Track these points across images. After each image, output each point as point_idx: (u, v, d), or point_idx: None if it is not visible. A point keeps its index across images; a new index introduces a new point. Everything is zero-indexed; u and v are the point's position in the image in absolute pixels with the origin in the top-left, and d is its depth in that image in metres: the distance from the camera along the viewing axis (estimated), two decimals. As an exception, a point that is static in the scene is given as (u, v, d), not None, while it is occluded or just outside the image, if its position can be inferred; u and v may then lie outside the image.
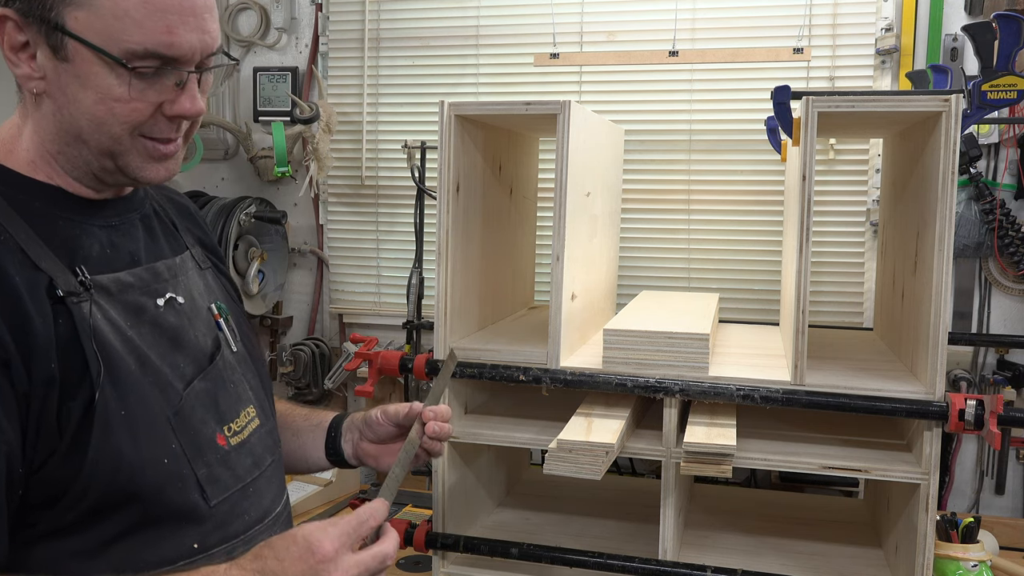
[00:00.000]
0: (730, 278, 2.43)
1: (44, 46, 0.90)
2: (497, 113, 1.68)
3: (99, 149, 0.95)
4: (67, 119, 0.93)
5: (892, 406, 1.48)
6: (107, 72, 0.91)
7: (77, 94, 0.92)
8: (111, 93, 0.92)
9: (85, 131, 0.94)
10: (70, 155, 0.96)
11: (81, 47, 0.89)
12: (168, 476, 0.95)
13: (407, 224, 2.59)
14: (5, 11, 0.89)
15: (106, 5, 0.89)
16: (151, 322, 0.99)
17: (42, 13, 0.89)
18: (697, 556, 1.68)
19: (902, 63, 2.27)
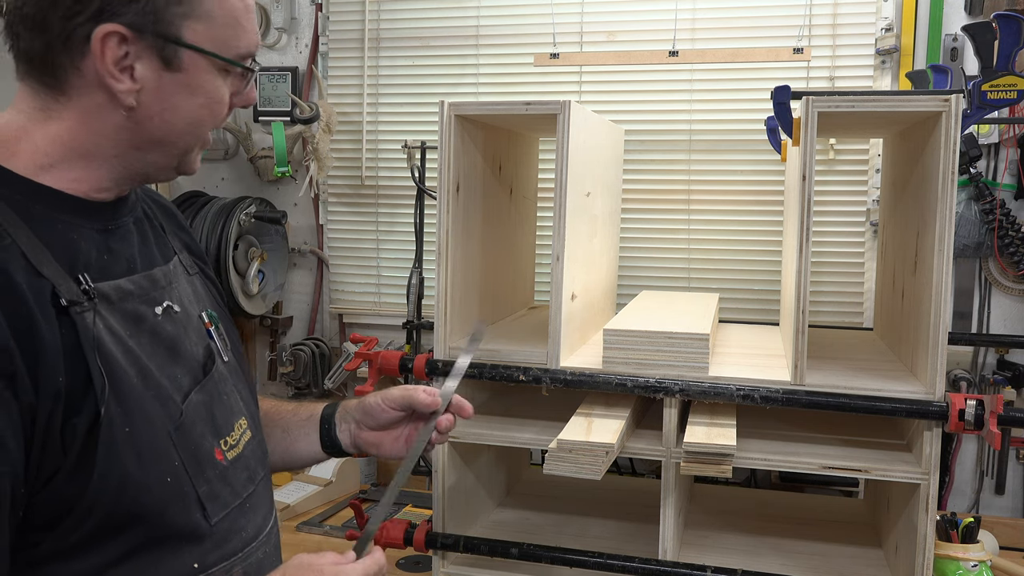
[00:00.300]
0: (730, 278, 2.43)
1: (153, 59, 0.91)
2: (497, 113, 1.68)
3: (181, 149, 0.98)
4: (159, 126, 0.94)
5: (892, 406, 1.48)
6: (215, 77, 0.95)
7: (181, 101, 0.94)
8: (216, 95, 0.96)
9: (176, 135, 0.96)
10: (133, 160, 0.96)
11: (197, 56, 0.93)
12: (172, 495, 0.93)
13: (407, 224, 2.59)
14: (114, 27, 0.88)
15: (218, 15, 0.93)
16: (150, 332, 0.96)
17: (157, 28, 0.90)
18: (697, 556, 1.68)
19: (902, 63, 2.27)
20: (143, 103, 0.92)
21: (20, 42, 0.91)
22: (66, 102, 0.92)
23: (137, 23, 0.89)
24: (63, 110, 0.92)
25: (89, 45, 0.88)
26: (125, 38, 0.89)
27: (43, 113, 0.92)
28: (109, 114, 0.92)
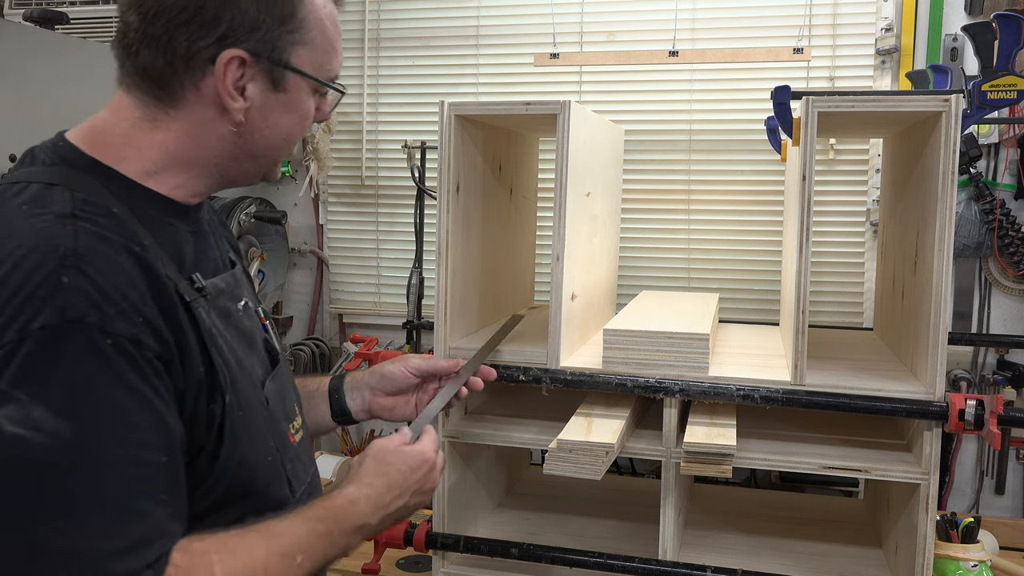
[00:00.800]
0: (730, 278, 2.43)
1: (264, 80, 0.99)
2: (497, 113, 1.68)
3: (273, 161, 1.07)
4: (258, 140, 1.02)
5: (892, 406, 1.48)
6: (309, 96, 1.04)
7: (280, 118, 1.02)
8: (307, 113, 1.05)
9: (272, 148, 1.04)
10: (229, 169, 1.04)
11: (300, 78, 1.01)
12: (272, 472, 1.03)
13: (407, 224, 2.59)
14: (237, 52, 0.95)
15: (319, 41, 1.02)
16: (235, 326, 1.03)
17: (271, 53, 0.98)
18: (697, 556, 1.68)
19: (902, 63, 2.27)
20: (249, 119, 1.00)
21: (138, 57, 0.96)
22: (175, 114, 0.98)
23: (256, 49, 0.97)
24: (171, 121, 0.98)
25: (212, 66, 0.96)
26: (244, 61, 0.97)
27: (150, 123, 0.98)
28: (216, 127, 0.99)
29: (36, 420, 0.78)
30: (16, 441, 0.77)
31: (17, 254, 0.84)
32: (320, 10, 1.02)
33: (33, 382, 0.79)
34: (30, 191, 0.91)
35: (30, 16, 2.39)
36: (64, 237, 0.85)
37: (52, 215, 0.87)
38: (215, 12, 0.94)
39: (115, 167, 0.96)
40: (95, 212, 0.89)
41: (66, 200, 0.89)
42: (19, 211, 0.88)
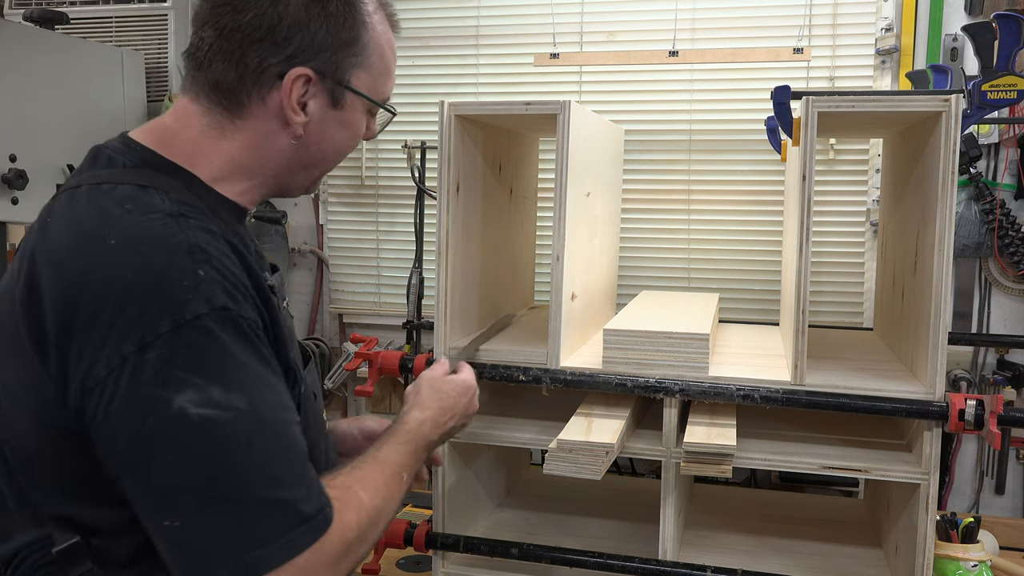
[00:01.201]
0: (730, 278, 2.43)
1: (324, 97, 1.07)
2: (497, 113, 1.68)
3: (322, 172, 1.16)
4: (313, 153, 1.10)
5: (892, 406, 1.48)
6: (362, 115, 1.13)
7: (335, 134, 1.11)
8: (358, 131, 1.14)
9: (324, 161, 1.13)
10: (284, 179, 1.12)
11: (356, 98, 1.10)
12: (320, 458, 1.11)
13: (407, 224, 2.59)
14: (304, 70, 1.04)
15: (377, 65, 1.11)
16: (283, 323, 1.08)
17: (334, 73, 1.06)
18: (697, 556, 1.68)
19: (902, 63, 2.27)
20: (307, 133, 1.08)
21: (210, 69, 1.04)
22: (241, 124, 1.06)
23: (321, 68, 1.05)
24: (236, 131, 1.06)
25: (279, 81, 1.03)
26: (309, 79, 1.05)
27: (217, 131, 1.05)
28: (277, 139, 1.07)
29: (216, 399, 0.87)
30: (203, 421, 0.86)
31: (144, 251, 0.90)
32: (380, 37, 1.10)
33: (203, 366, 0.88)
34: (122, 192, 0.96)
35: (30, 16, 2.39)
36: (183, 234, 0.92)
37: (161, 214, 0.94)
38: (287, 33, 1.02)
39: (191, 171, 1.04)
40: (195, 211, 0.97)
41: (165, 201, 0.96)
42: (124, 210, 0.93)
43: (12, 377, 0.93)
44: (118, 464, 0.89)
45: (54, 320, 0.89)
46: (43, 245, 0.95)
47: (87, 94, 2.43)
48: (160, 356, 0.86)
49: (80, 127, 2.39)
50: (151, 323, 0.87)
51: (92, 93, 2.45)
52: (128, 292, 0.88)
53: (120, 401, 0.87)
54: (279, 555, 0.87)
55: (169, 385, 0.86)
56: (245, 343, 0.92)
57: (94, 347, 0.87)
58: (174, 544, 0.87)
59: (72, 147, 2.36)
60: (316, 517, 0.91)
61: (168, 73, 2.64)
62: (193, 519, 0.86)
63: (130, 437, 0.87)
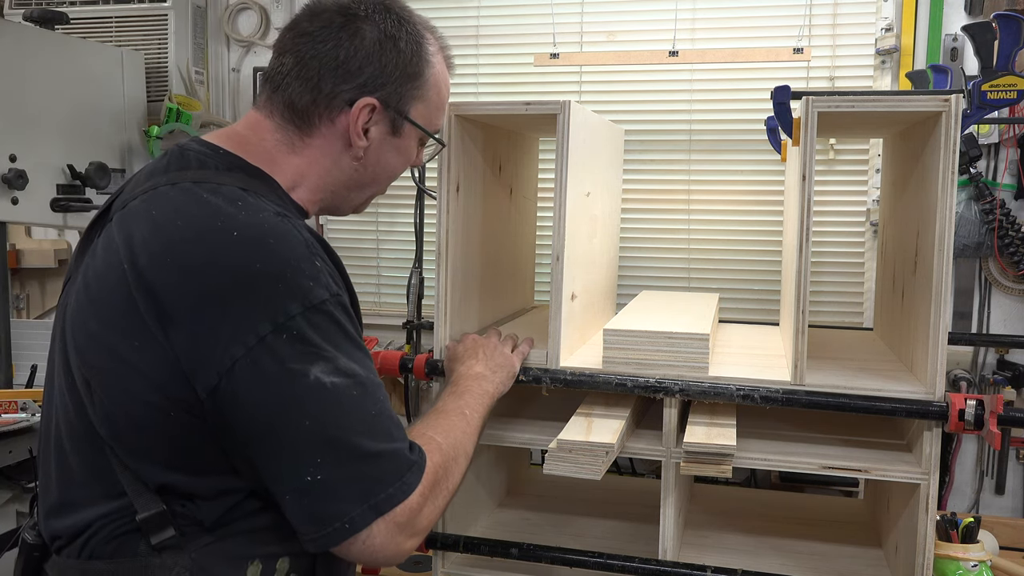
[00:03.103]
0: (730, 278, 2.43)
1: (386, 124, 1.19)
2: (497, 113, 1.68)
3: (373, 193, 1.28)
4: (369, 174, 1.23)
5: (892, 406, 1.48)
6: (415, 143, 1.25)
7: (390, 159, 1.23)
8: (409, 157, 1.26)
9: (377, 182, 1.26)
10: (341, 196, 1.25)
11: (412, 128, 1.22)
12: None
13: (407, 224, 2.59)
14: (372, 100, 1.16)
15: (434, 100, 1.24)
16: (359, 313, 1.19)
17: (397, 104, 1.19)
18: (697, 556, 1.68)
19: (902, 63, 2.27)
20: (367, 156, 1.20)
21: (288, 91, 1.16)
22: (309, 142, 1.18)
23: (385, 99, 1.17)
24: (304, 148, 1.18)
25: (348, 108, 1.16)
26: (375, 108, 1.17)
27: (288, 147, 1.17)
28: (340, 159, 1.20)
29: (343, 368, 1.02)
30: (335, 388, 1.01)
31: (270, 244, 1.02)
32: (439, 75, 1.24)
33: (329, 342, 1.02)
34: (230, 192, 1.06)
35: (30, 16, 2.39)
36: (296, 231, 1.05)
37: (270, 213, 1.05)
38: (360, 64, 1.15)
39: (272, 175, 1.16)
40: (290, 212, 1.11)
41: (265, 203, 1.07)
42: (238, 207, 1.04)
43: (126, 352, 1.01)
44: (259, 432, 1.00)
45: (182, 303, 0.99)
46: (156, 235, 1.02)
47: (87, 94, 2.43)
48: (294, 335, 0.99)
49: (80, 127, 2.39)
50: (283, 307, 0.99)
51: (92, 93, 2.45)
52: (259, 279, 0.99)
53: (261, 376, 0.98)
54: (399, 494, 1.03)
55: (305, 359, 1.00)
56: (350, 321, 1.07)
57: (229, 330, 0.98)
58: (312, 497, 1.00)
59: (72, 147, 2.36)
60: (419, 461, 1.07)
61: (168, 73, 2.64)
62: (331, 472, 1.00)
63: (273, 407, 0.99)
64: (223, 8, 2.74)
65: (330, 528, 1.01)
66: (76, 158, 2.34)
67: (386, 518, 1.02)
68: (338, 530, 1.01)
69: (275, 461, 1.01)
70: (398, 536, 1.04)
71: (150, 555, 1.03)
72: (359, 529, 1.01)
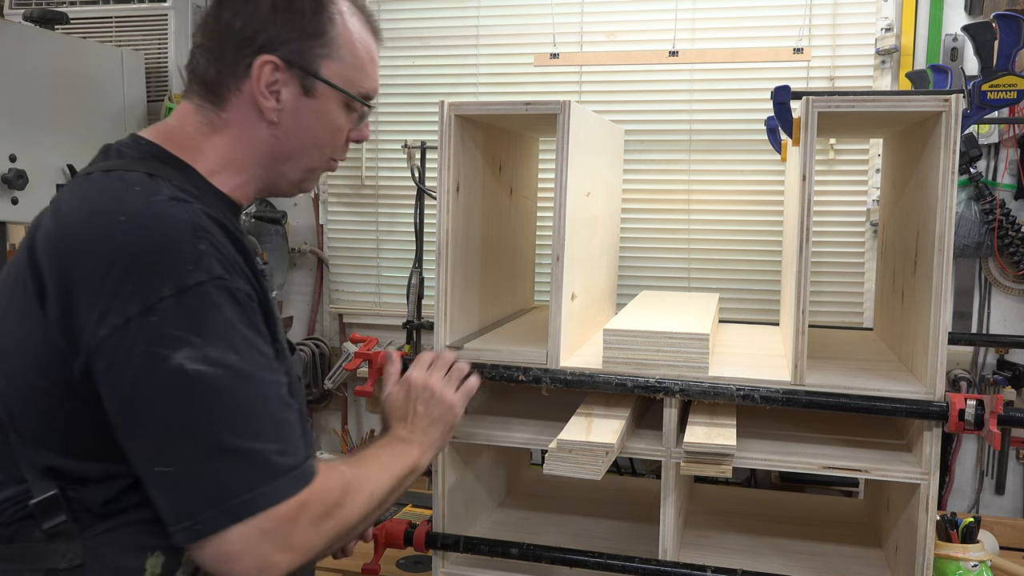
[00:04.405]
0: (730, 278, 2.43)
1: (295, 86, 1.16)
2: (497, 113, 1.68)
3: (305, 166, 1.22)
4: (292, 143, 1.18)
5: (892, 406, 1.48)
6: (338, 108, 1.20)
7: (311, 124, 1.18)
8: (336, 123, 1.20)
9: (304, 150, 1.20)
10: (271, 171, 1.20)
11: (327, 88, 1.17)
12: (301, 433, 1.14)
13: (407, 224, 2.59)
14: (270, 57, 1.13)
15: (349, 59, 1.19)
16: (272, 303, 1.16)
17: (303, 62, 1.15)
18: (697, 556, 1.68)
19: (902, 63, 2.27)
20: (282, 122, 1.17)
21: (200, 69, 1.16)
22: (226, 118, 1.16)
23: (287, 57, 1.14)
24: (224, 126, 1.16)
25: (251, 71, 1.13)
26: (277, 67, 1.14)
27: (208, 127, 1.16)
28: (257, 128, 1.16)
29: (212, 357, 0.97)
30: (199, 375, 0.96)
31: (152, 227, 1.00)
32: (351, 34, 1.19)
33: (201, 328, 0.97)
34: (133, 177, 1.05)
35: (30, 16, 2.39)
36: (185, 214, 1.02)
37: (165, 197, 1.03)
38: (256, 28, 1.13)
39: (191, 164, 1.14)
40: (194, 197, 1.07)
41: (169, 187, 1.05)
42: (134, 192, 1.03)
43: (18, 332, 1.02)
44: (119, 415, 0.98)
45: (63, 283, 0.99)
46: (54, 221, 1.04)
47: (87, 94, 2.43)
48: (162, 318, 0.96)
49: (80, 127, 2.39)
50: (155, 289, 0.96)
51: (92, 93, 2.45)
52: (135, 262, 0.97)
53: (123, 358, 0.96)
54: (262, 500, 0.96)
55: (168, 343, 0.96)
56: (238, 310, 1.01)
57: (101, 311, 0.96)
58: (165, 489, 0.97)
59: (72, 147, 2.36)
60: (294, 471, 1.00)
61: (168, 73, 2.64)
62: (184, 465, 0.96)
63: (131, 390, 0.96)
64: (223, 8, 2.74)
65: (180, 526, 0.96)
66: (76, 158, 2.35)
67: (247, 524, 0.95)
68: (188, 530, 0.95)
69: (132, 446, 0.99)
70: (264, 546, 0.96)
71: (44, 541, 1.02)
72: (210, 533, 0.95)
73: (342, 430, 2.74)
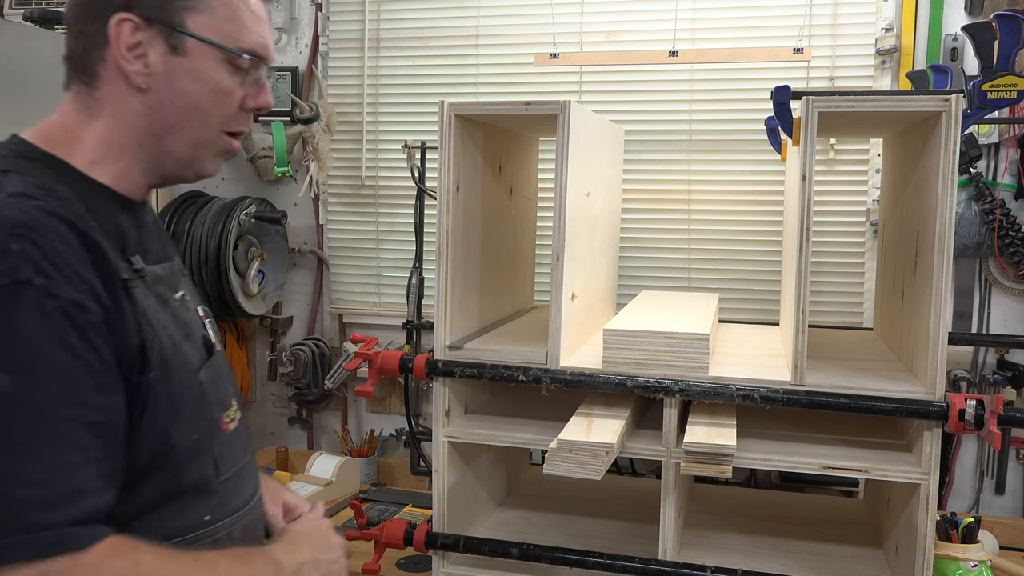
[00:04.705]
0: (730, 278, 2.43)
1: (161, 45, 1.05)
2: (497, 113, 1.68)
3: (191, 141, 1.09)
4: (170, 112, 1.07)
5: (892, 406, 1.48)
6: (218, 67, 1.07)
7: (188, 87, 1.06)
8: (220, 84, 1.08)
9: (186, 123, 1.08)
10: (153, 149, 1.09)
11: (199, 44, 1.06)
12: (196, 451, 1.07)
13: (407, 224, 2.59)
14: (126, 15, 1.03)
15: (221, 11, 1.07)
16: (172, 313, 1.09)
17: (164, 17, 1.04)
18: (697, 556, 1.69)
19: (902, 63, 2.27)
20: (154, 88, 1.06)
21: (67, 51, 1.08)
22: (99, 96, 1.06)
23: (146, 14, 1.04)
24: (99, 107, 1.07)
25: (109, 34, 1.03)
26: (137, 25, 1.03)
27: (85, 113, 1.07)
28: (130, 101, 1.06)
29: None
30: None
31: None
32: None
33: None
34: None
35: (30, 16, 2.39)
36: (13, 211, 0.93)
37: (4, 194, 0.95)
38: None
39: (65, 159, 1.05)
40: (45, 193, 0.97)
41: (17, 183, 0.97)
42: None
43: None
44: None
45: None
46: None
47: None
48: None
49: (80, 127, 2.39)
50: None
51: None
52: None
53: None
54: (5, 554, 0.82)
55: None
56: (46, 322, 0.89)
57: None
58: None
59: (72, 147, 2.35)
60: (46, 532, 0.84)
61: (168, 73, 2.64)
62: None
63: None
64: (223, 8, 2.74)
65: None
66: (76, 158, 2.34)
67: None
68: None
69: None
70: None
71: None
72: None
73: (342, 430, 2.74)
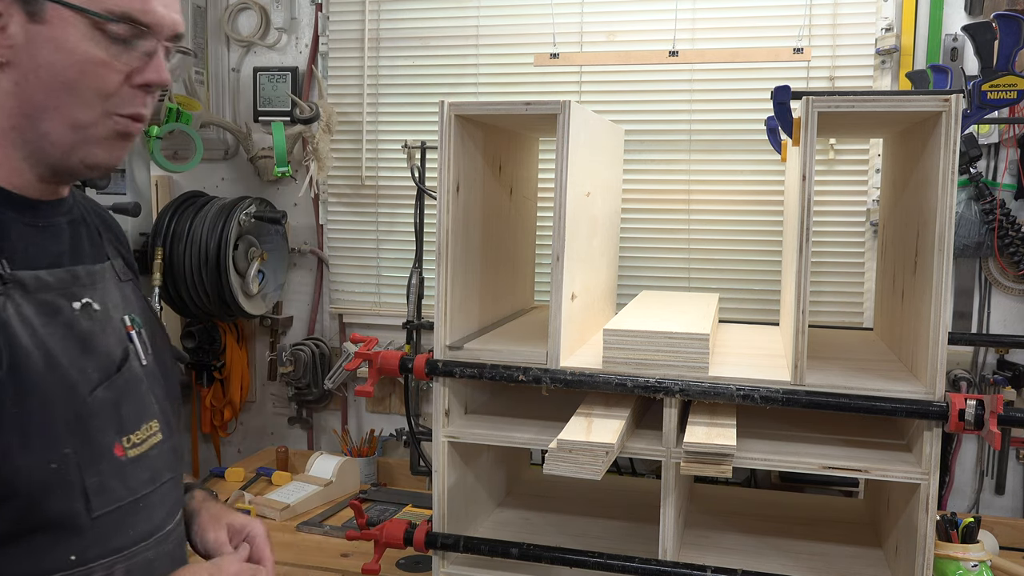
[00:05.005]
0: (730, 278, 2.43)
1: (19, 13, 0.94)
2: (497, 113, 1.68)
3: (68, 122, 0.98)
4: (37, 88, 0.96)
5: (892, 406, 1.48)
6: (84, 34, 0.95)
7: (51, 57, 0.95)
8: (88, 55, 0.96)
9: (57, 100, 0.96)
10: (30, 133, 0.98)
11: (60, 8, 0.94)
12: (55, 482, 0.95)
13: (407, 224, 2.59)
14: None
15: None
16: (65, 324, 1.00)
17: None
18: (697, 556, 1.69)
19: (902, 63, 2.27)
20: (18, 61, 0.95)
21: None
22: None
23: None
24: None
25: None
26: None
27: None
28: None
29: None
30: None
31: None
32: None
33: None
34: None
35: (30, 16, 2.38)
36: None
37: None
38: None
39: None
40: None
41: None
42: None
43: None
44: None
45: None
46: None
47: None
48: None
49: (80, 127, 2.38)
50: None
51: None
52: None
53: None
54: None
55: None
56: None
57: None
58: None
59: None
60: None
61: (168, 73, 2.63)
62: None
63: None
64: (223, 8, 2.74)
65: None
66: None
67: None
68: None
69: None
70: None
71: None
72: None
73: (342, 430, 2.74)
